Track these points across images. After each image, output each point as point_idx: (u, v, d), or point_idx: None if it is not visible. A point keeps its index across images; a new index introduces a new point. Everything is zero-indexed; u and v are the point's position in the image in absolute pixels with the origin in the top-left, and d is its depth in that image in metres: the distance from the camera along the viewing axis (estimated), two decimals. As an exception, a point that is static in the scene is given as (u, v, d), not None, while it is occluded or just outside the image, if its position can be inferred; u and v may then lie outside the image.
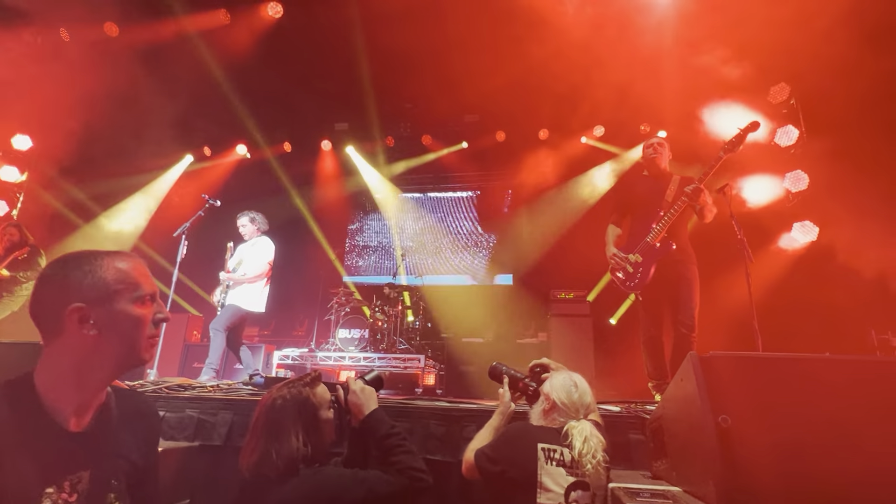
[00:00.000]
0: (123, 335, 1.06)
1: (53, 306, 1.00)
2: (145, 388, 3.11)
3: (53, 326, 1.00)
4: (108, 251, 1.11)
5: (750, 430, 1.50)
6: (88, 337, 1.01)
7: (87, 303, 1.01)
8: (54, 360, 1.01)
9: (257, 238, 4.83)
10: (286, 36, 6.27)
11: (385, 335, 6.10)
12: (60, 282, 1.03)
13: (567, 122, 7.23)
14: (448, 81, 6.73)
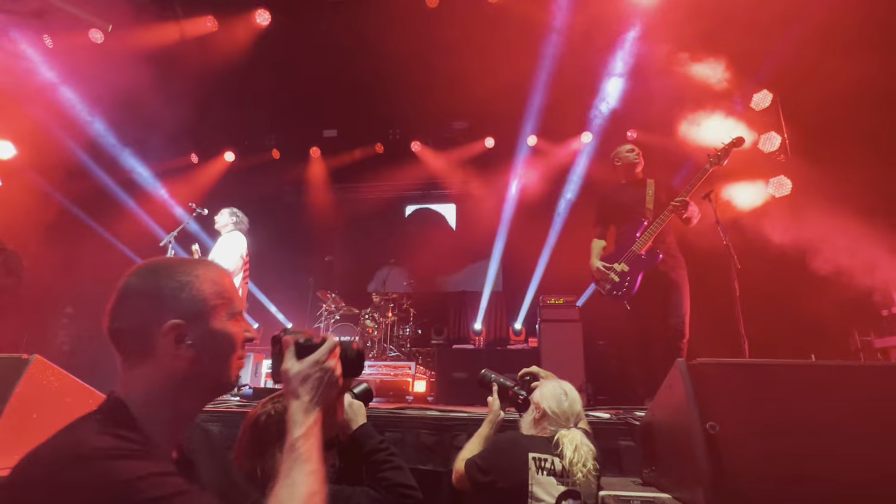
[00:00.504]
0: (219, 356, 0.95)
1: (145, 322, 0.88)
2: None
3: (143, 346, 0.88)
4: (198, 260, 1.00)
5: (738, 436, 1.52)
6: (184, 358, 0.89)
7: (185, 319, 0.89)
8: (144, 386, 0.88)
9: (229, 234, 4.65)
10: (274, 43, 6.26)
11: (375, 342, 6.07)
12: (154, 294, 0.90)
13: (556, 129, 7.31)
14: (437, 88, 6.77)
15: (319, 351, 1.04)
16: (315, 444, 0.93)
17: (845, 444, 1.48)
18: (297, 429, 0.95)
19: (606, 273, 3.44)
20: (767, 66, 5.39)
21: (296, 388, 1.00)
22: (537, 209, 7.49)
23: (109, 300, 0.92)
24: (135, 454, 0.75)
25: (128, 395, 0.87)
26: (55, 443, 0.78)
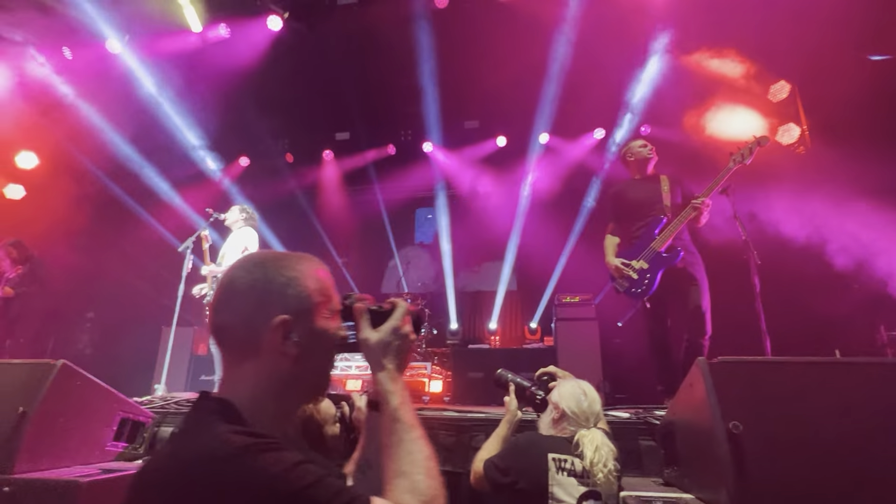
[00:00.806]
0: (321, 355, 0.93)
1: (252, 317, 0.85)
2: (154, 403, 3.11)
3: (249, 342, 0.85)
4: (301, 255, 0.97)
5: (762, 435, 1.50)
6: (289, 356, 0.86)
7: (292, 315, 0.86)
8: (250, 384, 0.85)
9: (240, 230, 4.66)
10: (286, 48, 6.33)
11: (391, 343, 6.10)
12: (262, 289, 0.87)
13: (567, 126, 7.26)
14: (448, 88, 6.78)
15: (395, 317, 1.00)
16: (413, 410, 0.92)
17: (874, 443, 1.45)
18: (393, 398, 0.91)
19: (624, 271, 3.40)
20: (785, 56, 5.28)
21: (379, 357, 0.96)
22: (551, 207, 7.45)
23: (214, 295, 0.91)
24: (277, 447, 0.74)
25: (233, 393, 0.84)
26: (198, 443, 0.75)
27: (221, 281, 0.91)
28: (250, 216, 4.73)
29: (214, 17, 6.19)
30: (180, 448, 0.77)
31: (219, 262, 4.51)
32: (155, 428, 2.75)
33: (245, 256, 0.94)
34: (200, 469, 0.71)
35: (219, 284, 0.91)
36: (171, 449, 0.78)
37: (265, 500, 0.69)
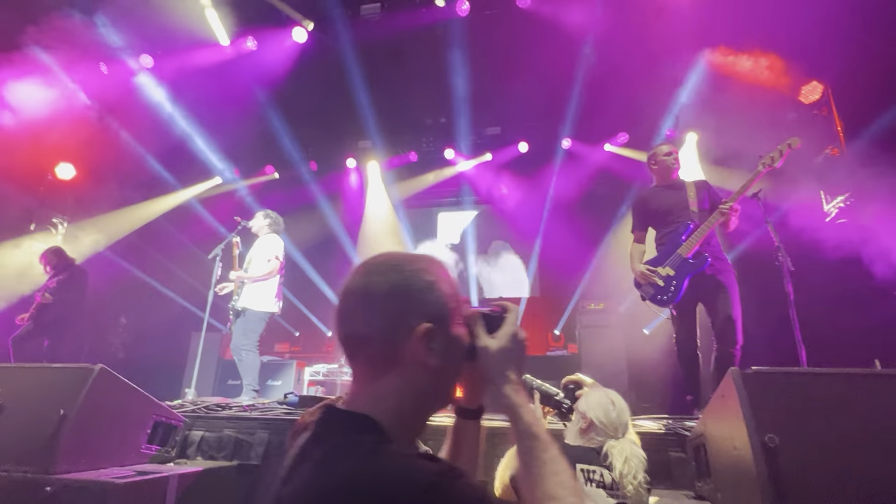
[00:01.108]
0: (456, 366, 0.85)
1: (394, 326, 0.78)
2: (184, 407, 3.19)
3: (388, 354, 0.78)
4: (430, 256, 0.88)
5: (799, 449, 1.45)
6: (429, 369, 0.79)
7: (434, 323, 0.79)
8: (392, 399, 0.77)
9: (266, 236, 4.74)
10: (310, 59, 6.46)
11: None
12: (403, 294, 0.80)
13: (590, 131, 7.21)
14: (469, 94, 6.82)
15: (510, 322, 0.90)
16: (543, 423, 0.86)
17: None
18: (524, 413, 0.83)
19: (650, 277, 3.34)
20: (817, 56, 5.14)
21: (502, 368, 0.87)
22: (574, 213, 7.38)
23: (342, 303, 0.82)
24: (462, 473, 0.68)
25: (373, 409, 0.75)
26: (377, 469, 0.66)
27: (350, 287, 0.82)
28: (274, 221, 4.80)
29: (242, 30, 6.36)
30: (345, 474, 0.66)
31: (245, 268, 4.59)
32: (186, 431, 2.82)
33: (373, 259, 0.85)
34: (395, 498, 0.63)
35: (347, 291, 0.82)
36: (328, 474, 0.67)
37: None
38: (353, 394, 0.80)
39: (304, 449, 0.76)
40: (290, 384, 5.64)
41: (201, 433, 2.83)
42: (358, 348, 0.80)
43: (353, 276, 0.83)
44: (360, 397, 0.79)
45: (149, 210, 7.38)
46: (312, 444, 0.75)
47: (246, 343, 4.35)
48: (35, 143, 5.85)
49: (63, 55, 5.77)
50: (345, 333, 0.81)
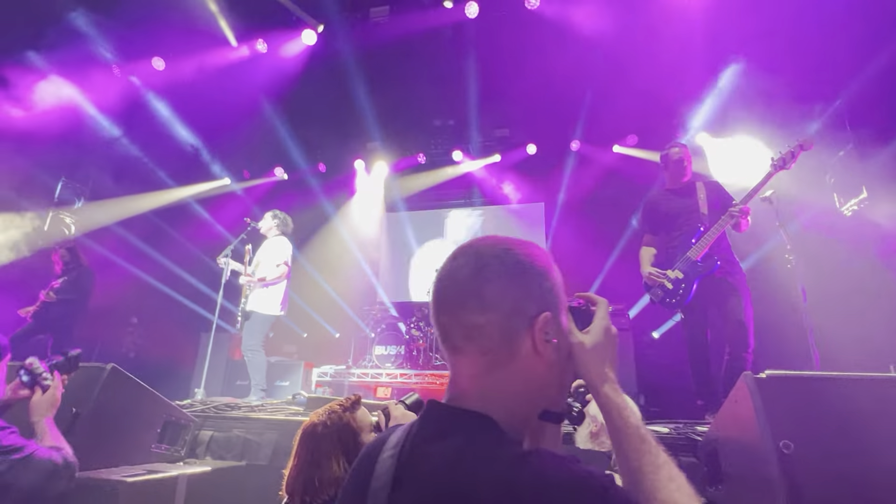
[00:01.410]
0: (566, 360, 0.78)
1: (514, 314, 0.71)
2: (194, 407, 3.21)
3: (503, 344, 0.71)
4: (534, 243, 0.81)
5: (815, 456, 1.42)
6: (545, 362, 0.73)
7: (551, 312, 0.73)
8: (507, 398, 0.71)
9: (274, 238, 4.74)
10: (319, 61, 6.49)
11: (421, 351, 6.12)
12: (522, 281, 0.73)
13: (598, 132, 7.18)
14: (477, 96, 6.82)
15: (601, 315, 0.83)
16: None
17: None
18: (628, 414, 0.77)
19: (659, 280, 3.32)
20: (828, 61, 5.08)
21: (599, 365, 0.79)
22: (582, 216, 7.35)
23: (446, 291, 0.74)
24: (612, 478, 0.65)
25: (487, 406, 0.70)
26: (556, 478, 0.60)
27: (457, 274, 0.74)
28: (283, 222, 4.82)
29: (252, 32, 6.40)
30: (502, 479, 0.60)
31: (252, 271, 4.61)
32: (196, 431, 2.84)
33: (479, 244, 0.77)
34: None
35: (453, 278, 0.74)
36: (471, 477, 0.61)
37: None
38: (461, 389, 0.73)
39: (410, 451, 0.70)
40: (297, 385, 5.65)
41: (210, 433, 2.85)
42: (467, 340, 0.72)
43: (456, 261, 0.76)
44: (469, 393, 0.72)
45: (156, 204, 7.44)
46: (424, 444, 0.69)
47: (252, 343, 4.40)
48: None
49: (73, 58, 5.84)
50: (451, 324, 0.73)
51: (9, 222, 5.89)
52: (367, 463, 0.74)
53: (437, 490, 0.63)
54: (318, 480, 1.41)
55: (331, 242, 8.28)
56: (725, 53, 5.57)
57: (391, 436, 0.76)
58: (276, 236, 4.75)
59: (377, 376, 5.92)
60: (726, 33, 5.39)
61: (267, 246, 4.71)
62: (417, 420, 0.75)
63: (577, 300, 0.85)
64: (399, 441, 0.73)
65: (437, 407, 0.74)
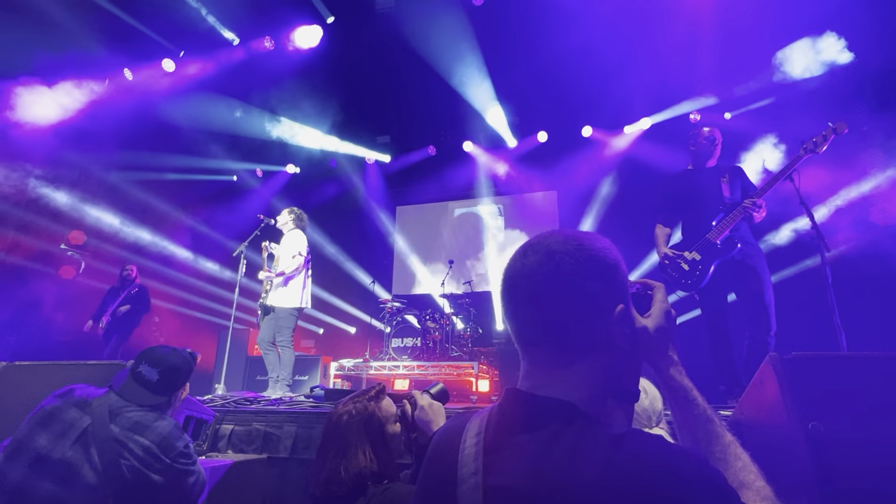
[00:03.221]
0: (637, 351, 0.79)
1: (590, 307, 0.73)
2: (214, 402, 3.25)
3: (582, 336, 0.73)
4: (599, 234, 0.82)
5: (845, 437, 1.38)
6: (621, 353, 0.74)
7: (624, 304, 0.75)
8: (584, 391, 0.72)
9: (290, 232, 4.77)
10: (327, 55, 6.49)
11: (437, 343, 6.12)
12: (597, 273, 0.74)
13: (611, 116, 7.06)
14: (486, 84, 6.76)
15: (660, 298, 0.84)
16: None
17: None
18: (697, 395, 0.78)
19: (675, 261, 3.26)
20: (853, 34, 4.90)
21: (663, 348, 0.81)
22: (595, 203, 7.25)
23: (521, 287, 0.75)
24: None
25: (568, 394, 0.71)
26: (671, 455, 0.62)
27: (531, 269, 0.75)
28: (299, 217, 4.83)
29: (258, 29, 6.42)
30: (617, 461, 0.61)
31: (273, 267, 4.61)
32: (217, 425, 2.87)
33: (550, 239, 0.77)
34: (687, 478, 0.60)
35: (527, 273, 0.75)
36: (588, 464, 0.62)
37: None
38: (540, 379, 0.74)
39: (496, 440, 0.70)
40: (316, 379, 5.71)
41: (231, 427, 2.88)
42: (545, 334, 0.74)
43: (528, 258, 0.76)
44: (549, 383, 0.73)
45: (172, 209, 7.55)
46: (511, 433, 0.70)
47: (281, 339, 4.40)
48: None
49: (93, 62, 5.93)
50: (528, 320, 0.75)
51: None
52: (445, 453, 0.75)
53: (536, 477, 0.64)
54: (345, 470, 1.41)
55: (343, 236, 8.31)
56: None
57: (467, 424, 0.77)
58: (292, 231, 4.77)
59: (394, 369, 5.94)
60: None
61: (285, 241, 4.74)
62: (496, 409, 0.76)
63: (634, 285, 0.85)
64: (480, 430, 0.74)
65: (518, 395, 0.75)
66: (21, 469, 1.48)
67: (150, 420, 1.62)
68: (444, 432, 0.81)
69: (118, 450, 1.52)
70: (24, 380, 2.45)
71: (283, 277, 4.48)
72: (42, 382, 2.31)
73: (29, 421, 1.58)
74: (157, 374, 1.70)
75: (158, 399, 1.71)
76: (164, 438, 1.59)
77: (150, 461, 1.55)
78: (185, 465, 1.62)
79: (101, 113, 6.24)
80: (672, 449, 0.63)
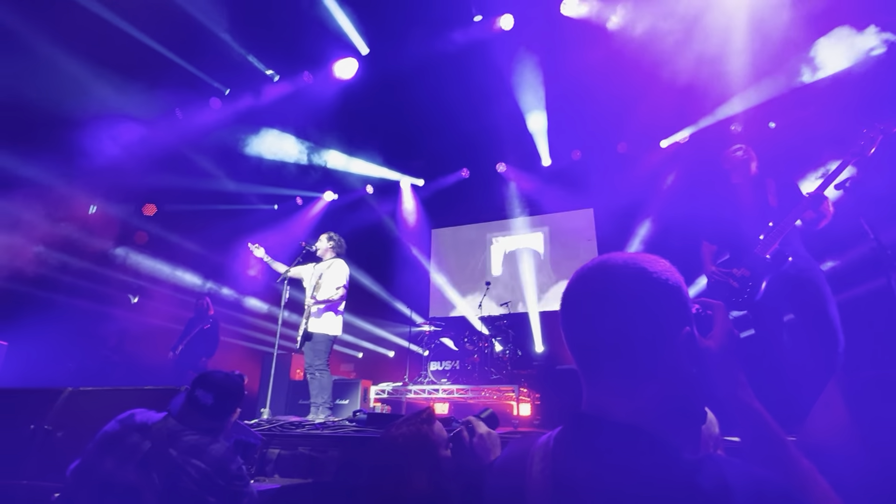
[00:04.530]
0: (703, 376, 0.76)
1: (657, 330, 0.72)
2: (261, 426, 3.32)
3: (650, 360, 0.72)
4: (658, 257, 0.81)
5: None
6: (688, 377, 0.73)
7: (689, 326, 0.75)
8: (649, 411, 0.71)
9: (333, 259, 4.81)
10: (361, 86, 6.72)
11: (476, 366, 6.07)
12: (663, 295, 0.74)
13: (645, 131, 6.97)
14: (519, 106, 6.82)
15: (721, 318, 0.82)
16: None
17: None
18: (769, 417, 0.76)
19: (723, 279, 3.14)
20: None
21: (729, 370, 0.78)
22: (633, 219, 7.11)
23: (584, 308, 0.75)
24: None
25: (637, 419, 0.70)
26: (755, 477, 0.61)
27: (595, 292, 0.75)
28: (338, 244, 4.91)
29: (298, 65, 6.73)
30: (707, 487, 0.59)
31: (314, 294, 4.67)
32: (263, 450, 2.93)
33: (610, 262, 0.77)
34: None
35: (591, 295, 0.75)
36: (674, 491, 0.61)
37: None
38: (607, 403, 0.72)
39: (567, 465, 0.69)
40: (356, 403, 5.74)
41: (277, 451, 2.93)
42: (612, 358, 0.73)
43: (589, 283, 0.76)
44: (617, 407, 0.71)
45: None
46: (581, 458, 0.69)
47: (318, 363, 4.48)
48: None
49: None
50: (593, 344, 0.74)
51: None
52: (510, 482, 0.75)
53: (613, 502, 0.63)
54: (399, 493, 1.41)
55: (382, 260, 8.43)
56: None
57: (530, 452, 0.76)
58: (333, 258, 4.84)
59: (433, 392, 5.91)
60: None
61: (326, 268, 4.79)
62: (562, 433, 0.75)
63: (694, 306, 0.84)
64: (546, 457, 0.73)
65: (586, 421, 0.74)
66: (89, 492, 1.55)
67: (205, 444, 1.67)
68: (506, 460, 0.81)
69: (177, 473, 1.58)
70: (87, 404, 2.58)
71: (325, 306, 4.57)
72: (103, 407, 2.43)
73: (94, 445, 1.66)
74: (211, 398, 1.77)
75: (213, 423, 1.77)
76: (219, 462, 1.64)
77: (207, 484, 1.59)
78: (238, 487, 1.66)
79: (151, 149, 6.68)
80: (756, 475, 0.61)
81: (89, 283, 6.77)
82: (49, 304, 6.28)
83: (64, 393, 2.67)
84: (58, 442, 2.48)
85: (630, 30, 5.63)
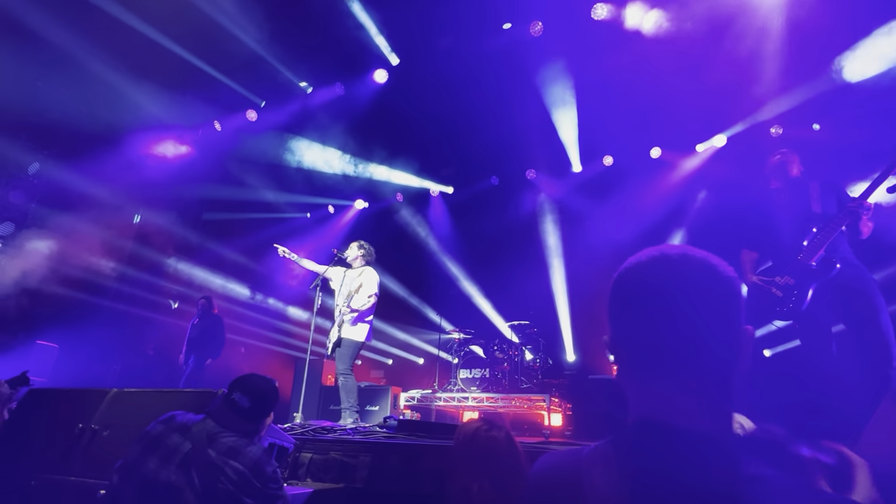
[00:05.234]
0: (746, 377, 0.80)
1: (730, 329, 0.70)
2: (294, 430, 3.37)
3: (724, 360, 0.70)
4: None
5: None
6: (747, 379, 0.79)
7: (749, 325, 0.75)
8: (727, 415, 0.70)
9: (363, 268, 4.84)
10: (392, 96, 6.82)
11: (506, 374, 6.01)
12: (730, 293, 0.71)
13: (681, 135, 6.80)
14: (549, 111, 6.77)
15: (863, 479, 0.87)
16: None
17: None
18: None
19: (766, 288, 3.01)
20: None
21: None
22: (667, 224, 6.93)
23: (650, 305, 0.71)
24: None
25: (706, 424, 0.68)
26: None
27: (658, 289, 0.71)
28: (368, 252, 4.95)
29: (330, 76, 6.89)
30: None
31: (346, 302, 4.71)
32: (296, 454, 2.97)
33: (670, 257, 0.74)
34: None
35: (658, 286, 0.71)
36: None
37: None
38: (675, 408, 0.68)
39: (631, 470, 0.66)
40: (386, 409, 5.76)
41: (310, 455, 2.96)
42: (686, 359, 0.69)
43: (656, 274, 0.73)
44: (686, 412, 0.68)
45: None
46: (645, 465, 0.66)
47: (343, 368, 4.55)
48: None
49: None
50: (664, 345, 0.69)
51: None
52: (564, 491, 0.70)
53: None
54: (479, 487, 1.46)
55: (413, 268, 8.48)
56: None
57: (578, 462, 0.71)
58: (363, 266, 4.89)
59: (463, 400, 5.89)
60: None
61: (358, 276, 4.81)
62: (620, 443, 0.70)
63: (830, 455, 0.89)
64: (605, 466, 0.68)
65: (653, 428, 0.69)
66: (133, 490, 1.61)
67: (242, 445, 1.71)
68: (552, 473, 0.75)
69: (215, 474, 1.62)
70: (130, 405, 2.68)
71: (358, 314, 4.62)
72: (146, 407, 2.51)
73: (137, 444, 1.72)
74: (248, 401, 1.81)
75: (249, 425, 1.81)
76: (256, 463, 1.67)
77: (244, 485, 1.63)
78: (274, 490, 1.69)
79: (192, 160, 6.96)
80: (822, 497, 0.61)
81: (134, 290, 7.08)
82: (96, 308, 6.59)
83: (109, 393, 2.79)
84: (103, 440, 2.58)
85: (663, 32, 5.52)
